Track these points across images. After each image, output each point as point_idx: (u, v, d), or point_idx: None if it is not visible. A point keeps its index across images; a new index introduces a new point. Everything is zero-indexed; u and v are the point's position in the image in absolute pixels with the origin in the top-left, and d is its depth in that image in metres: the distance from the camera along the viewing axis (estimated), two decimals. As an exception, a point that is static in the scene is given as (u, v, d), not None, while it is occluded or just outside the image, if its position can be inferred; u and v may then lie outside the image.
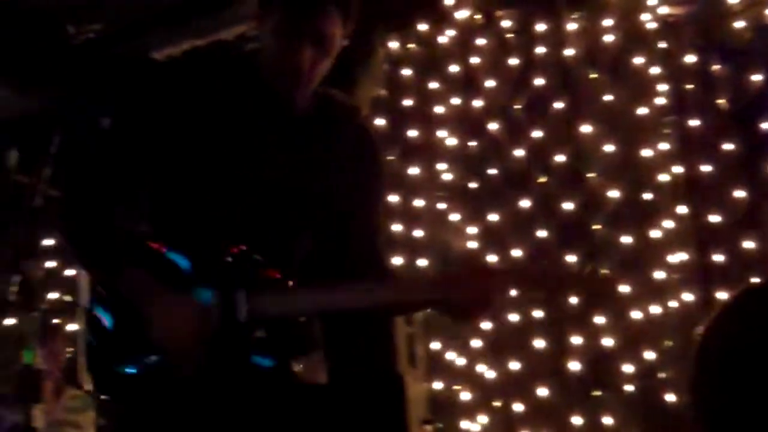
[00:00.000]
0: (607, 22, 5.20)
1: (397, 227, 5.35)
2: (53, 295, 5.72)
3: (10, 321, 4.17)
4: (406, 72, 5.55)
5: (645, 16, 5.17)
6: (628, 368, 4.86)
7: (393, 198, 5.44)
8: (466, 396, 5.16)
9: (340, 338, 3.25)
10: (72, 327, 5.39)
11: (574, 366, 4.94)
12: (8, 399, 4.48)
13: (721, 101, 5.04)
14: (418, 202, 5.41)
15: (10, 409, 4.37)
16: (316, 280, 2.56)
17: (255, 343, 2.41)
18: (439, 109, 5.47)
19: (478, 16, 5.44)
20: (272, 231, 2.53)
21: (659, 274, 4.90)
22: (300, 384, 2.57)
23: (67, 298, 5.67)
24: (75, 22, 5.15)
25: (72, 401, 4.66)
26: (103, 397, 2.46)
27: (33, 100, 5.39)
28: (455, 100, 5.45)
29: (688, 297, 4.85)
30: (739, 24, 5.08)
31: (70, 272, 5.64)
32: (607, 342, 4.89)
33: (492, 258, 5.17)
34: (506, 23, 5.41)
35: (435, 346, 5.26)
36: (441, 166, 5.41)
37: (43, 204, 3.30)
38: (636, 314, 4.87)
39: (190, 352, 2.38)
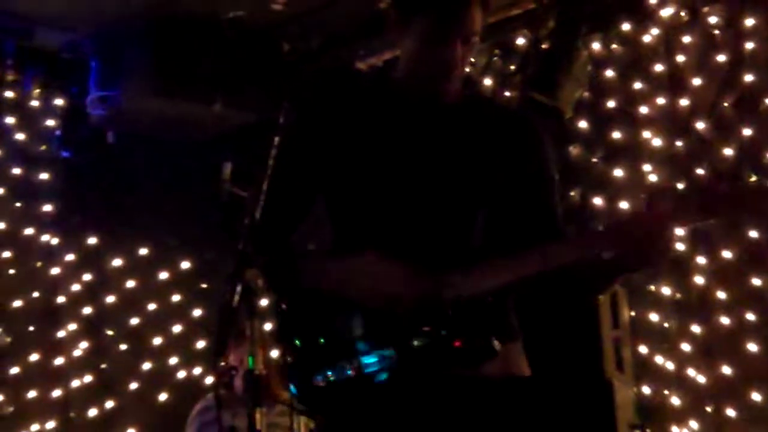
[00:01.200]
0: (822, 14, 5.02)
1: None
2: (264, 302, 5.93)
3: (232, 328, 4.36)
4: (610, 73, 5.50)
5: None
6: None
7: (597, 200, 5.41)
8: (676, 401, 5.09)
9: (541, 331, 3.21)
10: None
11: (791, 371, 4.81)
12: (230, 402, 4.64)
13: None
14: (624, 204, 5.35)
15: (232, 411, 4.53)
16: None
17: (454, 331, 2.47)
18: (643, 110, 5.41)
19: (683, 13, 5.34)
20: (444, 219, 2.63)
21: None
22: (503, 376, 2.58)
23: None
24: (289, 39, 5.36)
25: (282, 405, 4.78)
26: (301, 407, 2.59)
27: (250, 115, 5.62)
28: (660, 100, 5.37)
29: None
30: None
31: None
32: (827, 346, 4.75)
33: (701, 260, 5.07)
34: (713, 19, 5.28)
35: (643, 350, 5.20)
36: (646, 167, 5.34)
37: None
38: None
39: (394, 296, 2.48)
